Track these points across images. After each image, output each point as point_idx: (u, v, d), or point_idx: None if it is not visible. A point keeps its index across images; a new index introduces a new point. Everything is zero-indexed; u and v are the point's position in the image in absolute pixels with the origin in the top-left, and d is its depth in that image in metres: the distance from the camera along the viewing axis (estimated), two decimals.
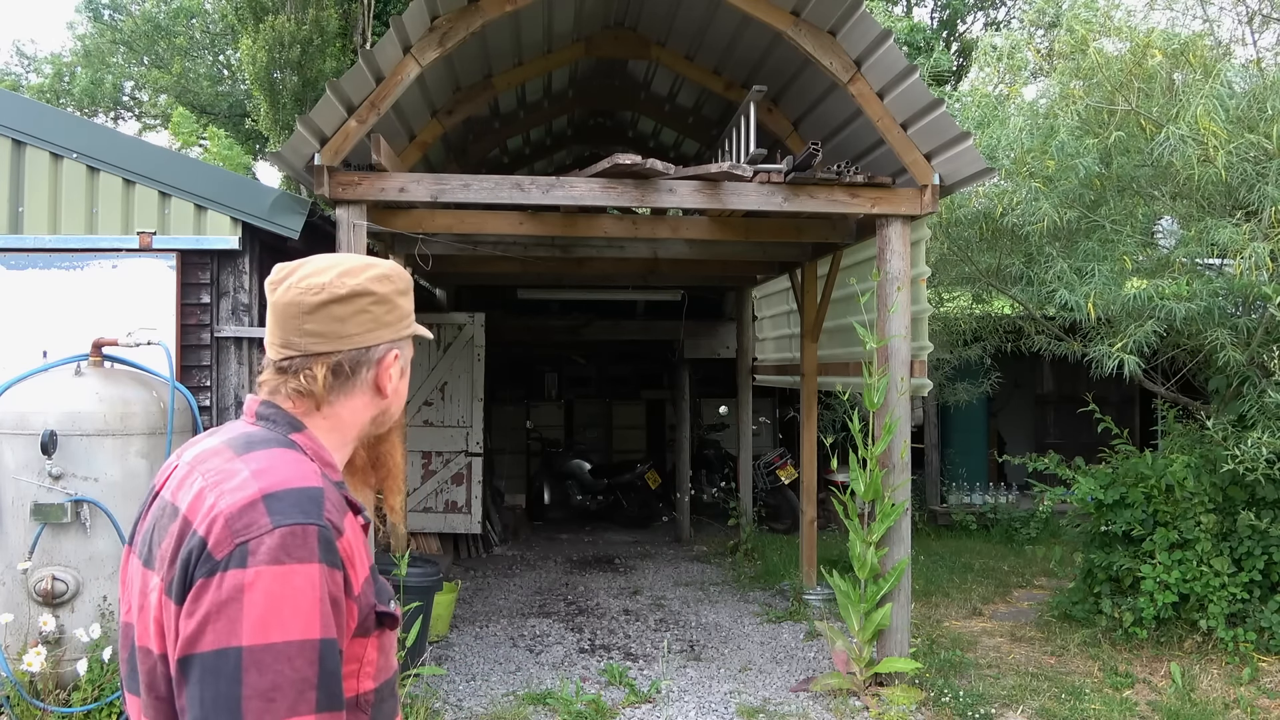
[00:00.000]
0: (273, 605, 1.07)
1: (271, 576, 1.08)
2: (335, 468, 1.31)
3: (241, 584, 1.08)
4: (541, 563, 8.54)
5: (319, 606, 1.10)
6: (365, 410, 1.36)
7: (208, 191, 5.01)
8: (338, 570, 1.14)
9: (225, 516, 1.12)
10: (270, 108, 11.72)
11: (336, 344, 1.29)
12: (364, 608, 1.20)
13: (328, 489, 1.20)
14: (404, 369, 1.39)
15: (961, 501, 10.21)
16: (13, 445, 4.25)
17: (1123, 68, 5.45)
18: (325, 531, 1.13)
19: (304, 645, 1.08)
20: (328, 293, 1.28)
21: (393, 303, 1.34)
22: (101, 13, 22.81)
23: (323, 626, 1.10)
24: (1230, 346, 5.20)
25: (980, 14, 20.06)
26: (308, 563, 1.10)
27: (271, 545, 1.09)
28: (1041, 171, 5.58)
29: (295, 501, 1.14)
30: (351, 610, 1.17)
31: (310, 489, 1.17)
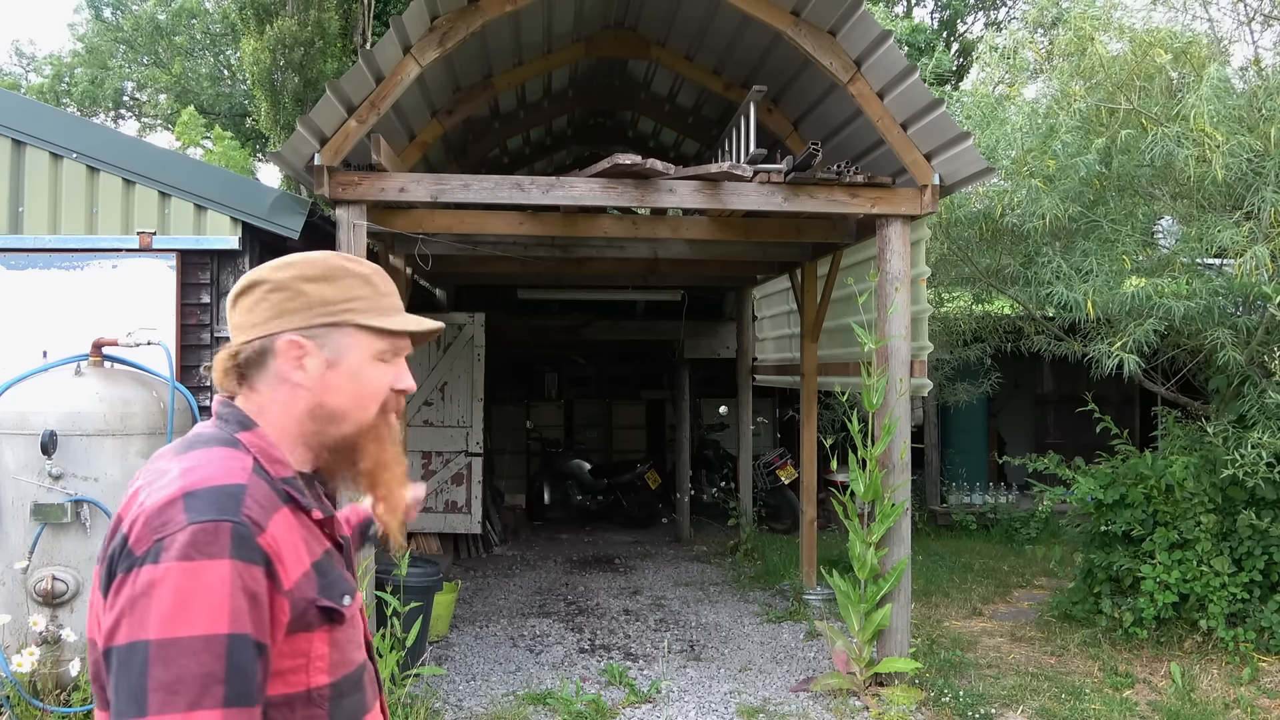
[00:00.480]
0: (180, 600, 1.09)
1: (180, 572, 1.10)
2: (286, 464, 1.30)
3: (153, 579, 1.10)
4: (541, 563, 8.54)
5: (228, 602, 1.10)
6: (292, 403, 1.32)
7: (208, 191, 5.01)
8: (255, 566, 1.14)
9: (146, 514, 1.15)
10: (271, 108, 11.74)
11: (248, 333, 1.32)
12: (298, 602, 1.20)
13: (254, 486, 1.20)
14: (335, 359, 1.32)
15: (961, 501, 10.21)
16: (13, 445, 4.25)
17: (1124, 67, 5.45)
18: (240, 528, 1.14)
19: (210, 640, 1.08)
20: (237, 286, 1.34)
21: (294, 289, 1.31)
22: (102, 10, 22.82)
23: (232, 621, 1.10)
24: (1230, 346, 5.20)
25: (980, 14, 20.06)
26: (218, 559, 1.11)
27: (183, 542, 1.11)
28: (1042, 171, 5.58)
29: (212, 499, 1.15)
30: (280, 605, 1.17)
31: (230, 486, 1.18)
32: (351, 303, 1.33)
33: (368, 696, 1.36)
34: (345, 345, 1.33)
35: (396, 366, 1.39)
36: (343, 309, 1.33)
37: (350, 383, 1.33)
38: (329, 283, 1.33)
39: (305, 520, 1.28)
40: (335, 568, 1.31)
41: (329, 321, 1.32)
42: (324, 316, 1.32)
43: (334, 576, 1.29)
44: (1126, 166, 5.67)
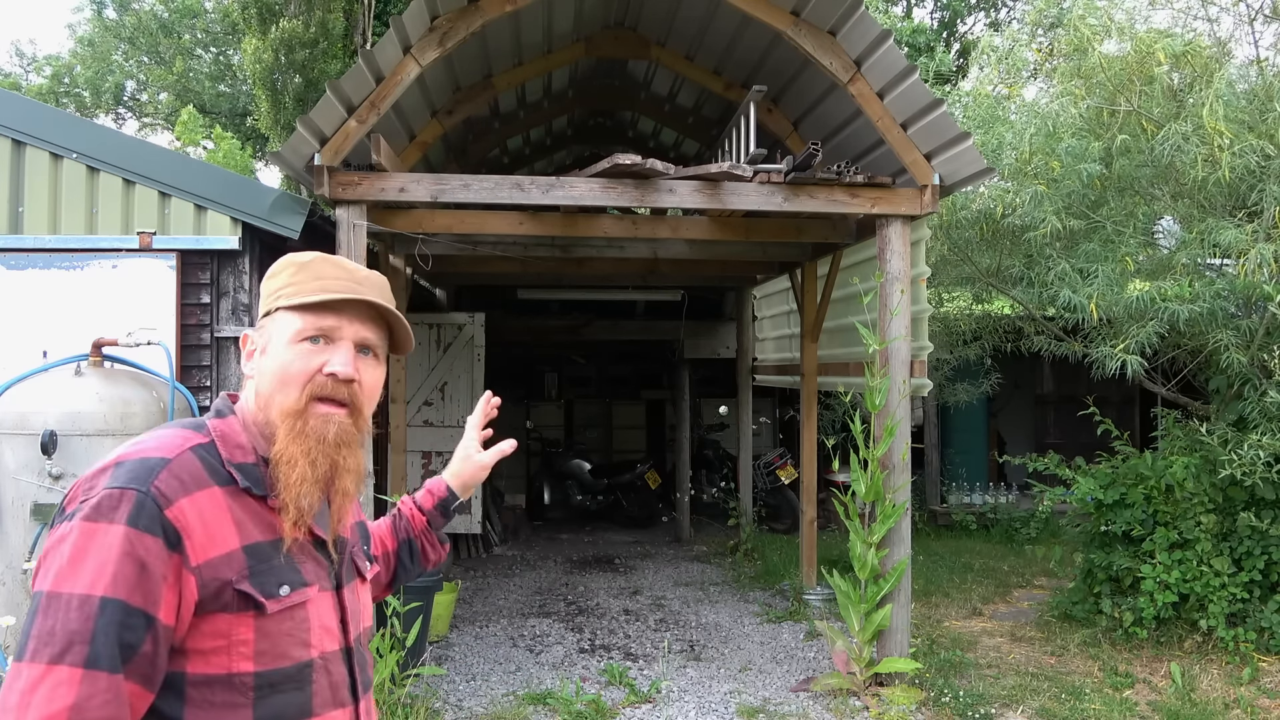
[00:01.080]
0: (74, 557, 1.14)
1: (80, 531, 1.15)
2: (246, 449, 1.31)
3: (62, 535, 1.17)
4: (541, 563, 8.54)
5: (112, 566, 1.13)
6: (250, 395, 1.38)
7: (208, 191, 5.01)
8: (150, 536, 1.16)
9: (85, 478, 1.22)
10: (272, 108, 11.74)
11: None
12: (209, 580, 1.20)
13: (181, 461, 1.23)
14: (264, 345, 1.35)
15: (961, 501, 10.21)
16: (13, 445, 4.25)
17: (1124, 68, 5.44)
18: (143, 497, 1.17)
19: (85, 600, 1.12)
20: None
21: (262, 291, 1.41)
22: (104, 9, 22.81)
23: (110, 585, 1.12)
24: (1233, 348, 5.20)
25: (980, 14, 20.06)
26: (114, 524, 1.15)
27: (92, 504, 1.17)
28: (1046, 173, 5.58)
29: (131, 469, 1.20)
30: (187, 580, 1.18)
31: (153, 459, 1.22)
32: (284, 289, 1.35)
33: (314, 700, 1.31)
34: (274, 331, 1.35)
35: (328, 350, 1.33)
36: (276, 297, 1.36)
37: (270, 364, 1.34)
38: (275, 276, 1.38)
39: (254, 505, 1.28)
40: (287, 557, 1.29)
41: (265, 311, 1.37)
42: (265, 307, 1.37)
43: (274, 565, 1.27)
44: (1127, 168, 5.67)
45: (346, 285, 1.35)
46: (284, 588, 1.27)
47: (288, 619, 1.27)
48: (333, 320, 1.33)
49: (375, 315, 1.38)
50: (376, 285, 1.40)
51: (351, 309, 1.35)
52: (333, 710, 1.33)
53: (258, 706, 1.24)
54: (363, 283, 1.38)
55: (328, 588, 1.36)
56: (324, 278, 1.35)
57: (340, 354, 1.34)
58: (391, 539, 1.76)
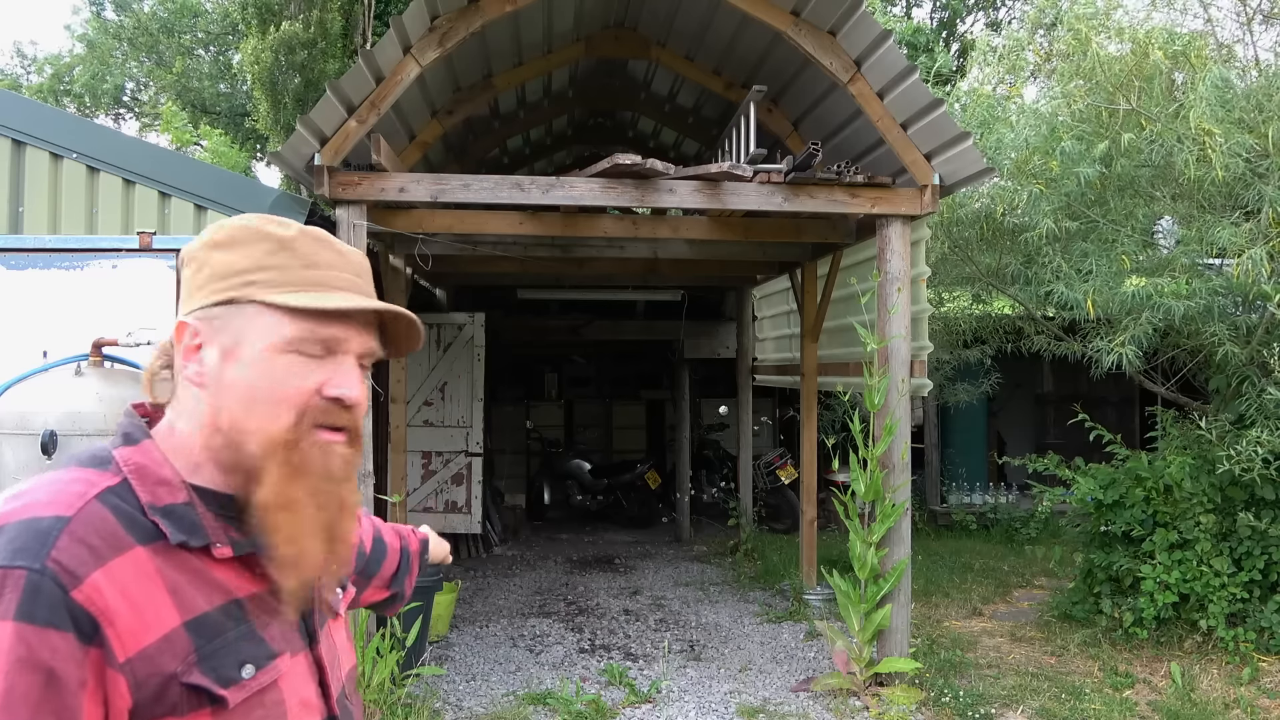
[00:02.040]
0: None
1: None
2: (174, 486, 0.98)
3: None
4: (541, 563, 8.54)
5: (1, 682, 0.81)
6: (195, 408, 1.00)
7: (208, 191, 5.01)
8: (55, 630, 0.84)
9: None
10: (271, 108, 11.74)
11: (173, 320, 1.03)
12: (144, 679, 0.89)
13: (85, 518, 0.90)
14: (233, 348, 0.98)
15: (961, 501, 10.21)
16: (13, 445, 4.25)
17: (1123, 68, 5.45)
18: (36, 578, 0.84)
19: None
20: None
21: (200, 261, 1.01)
22: (103, 9, 22.82)
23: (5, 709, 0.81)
24: (1230, 343, 5.20)
25: (980, 14, 20.07)
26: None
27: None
28: (1045, 173, 5.58)
29: (12, 536, 0.87)
30: (114, 683, 0.87)
31: (42, 520, 0.88)
32: (258, 273, 0.99)
33: None
34: (245, 329, 0.98)
35: (329, 365, 1.01)
36: (246, 281, 0.99)
37: (248, 379, 0.98)
38: (235, 249, 1.00)
39: (192, 563, 0.95)
40: (242, 624, 0.97)
41: (226, 298, 0.99)
42: (222, 292, 0.99)
43: (228, 639, 0.95)
44: (1127, 168, 5.67)
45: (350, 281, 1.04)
46: (247, 667, 0.96)
47: (257, 706, 0.96)
48: (339, 330, 1.01)
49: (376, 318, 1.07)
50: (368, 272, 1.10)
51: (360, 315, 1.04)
52: None
53: None
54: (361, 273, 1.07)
55: (300, 649, 1.04)
56: (319, 265, 1.02)
57: (348, 374, 1.02)
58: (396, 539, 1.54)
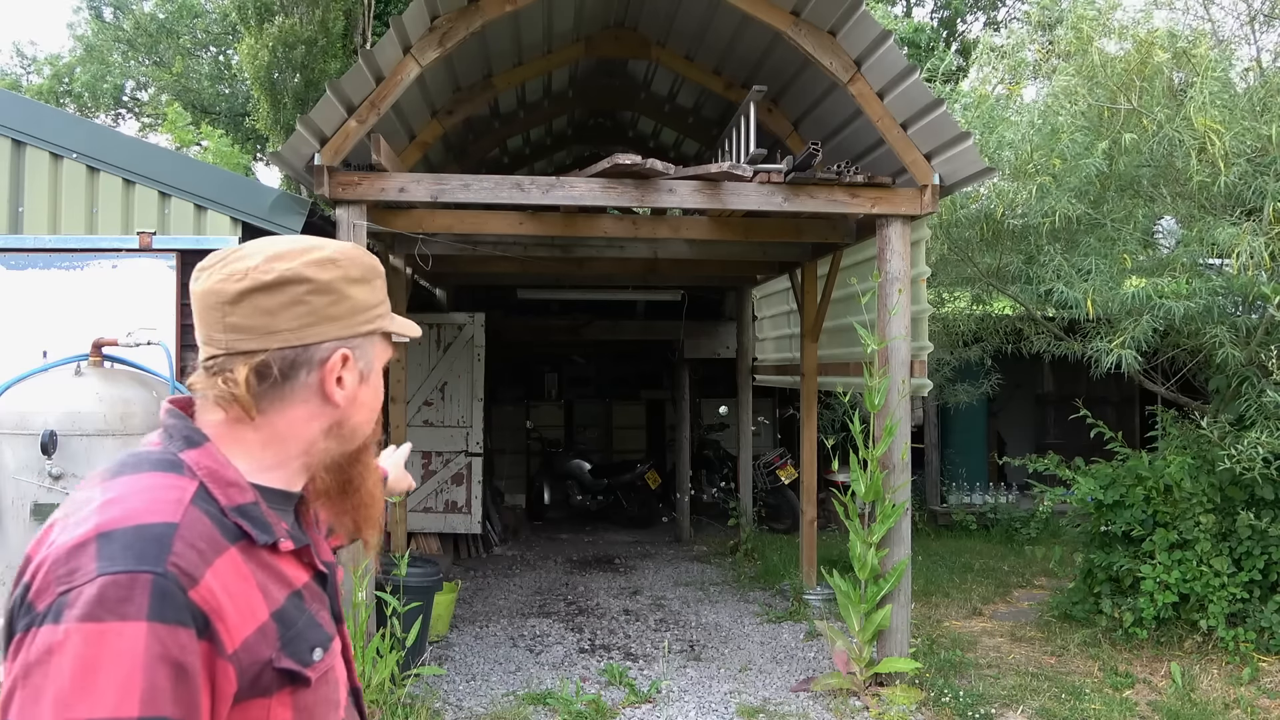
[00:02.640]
0: (81, 673, 0.88)
1: (83, 637, 0.89)
2: (242, 487, 1.08)
3: (51, 644, 0.90)
4: (541, 563, 8.54)
5: (141, 676, 0.89)
6: (310, 422, 1.13)
7: (208, 191, 5.01)
8: (183, 628, 0.93)
9: (52, 559, 0.95)
10: (271, 108, 11.72)
11: (264, 341, 1.08)
12: (247, 666, 0.99)
13: (190, 524, 0.99)
14: (366, 374, 1.16)
15: (961, 501, 10.21)
16: (13, 445, 4.25)
17: (1125, 68, 5.45)
18: (162, 581, 0.92)
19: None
20: (251, 279, 1.08)
21: (339, 293, 1.12)
22: (102, 11, 22.82)
23: (145, 702, 0.89)
24: (1229, 344, 5.20)
25: (980, 14, 20.07)
26: (131, 620, 0.90)
27: (89, 597, 0.90)
28: (1047, 169, 5.58)
29: (129, 543, 0.94)
30: (224, 672, 0.97)
31: (154, 526, 0.96)
32: (380, 307, 1.18)
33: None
34: (374, 356, 1.18)
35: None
36: (377, 314, 1.17)
37: (373, 396, 1.18)
38: (369, 284, 1.16)
39: (265, 557, 1.07)
40: (305, 612, 1.10)
41: (369, 329, 1.16)
42: (366, 324, 1.15)
43: (302, 626, 1.08)
44: (1128, 166, 5.67)
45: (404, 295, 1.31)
46: (316, 650, 1.09)
47: (323, 685, 1.11)
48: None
49: None
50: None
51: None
52: None
53: None
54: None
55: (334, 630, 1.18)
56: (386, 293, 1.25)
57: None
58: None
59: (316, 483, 1.19)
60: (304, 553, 1.14)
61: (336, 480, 1.20)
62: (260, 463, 1.11)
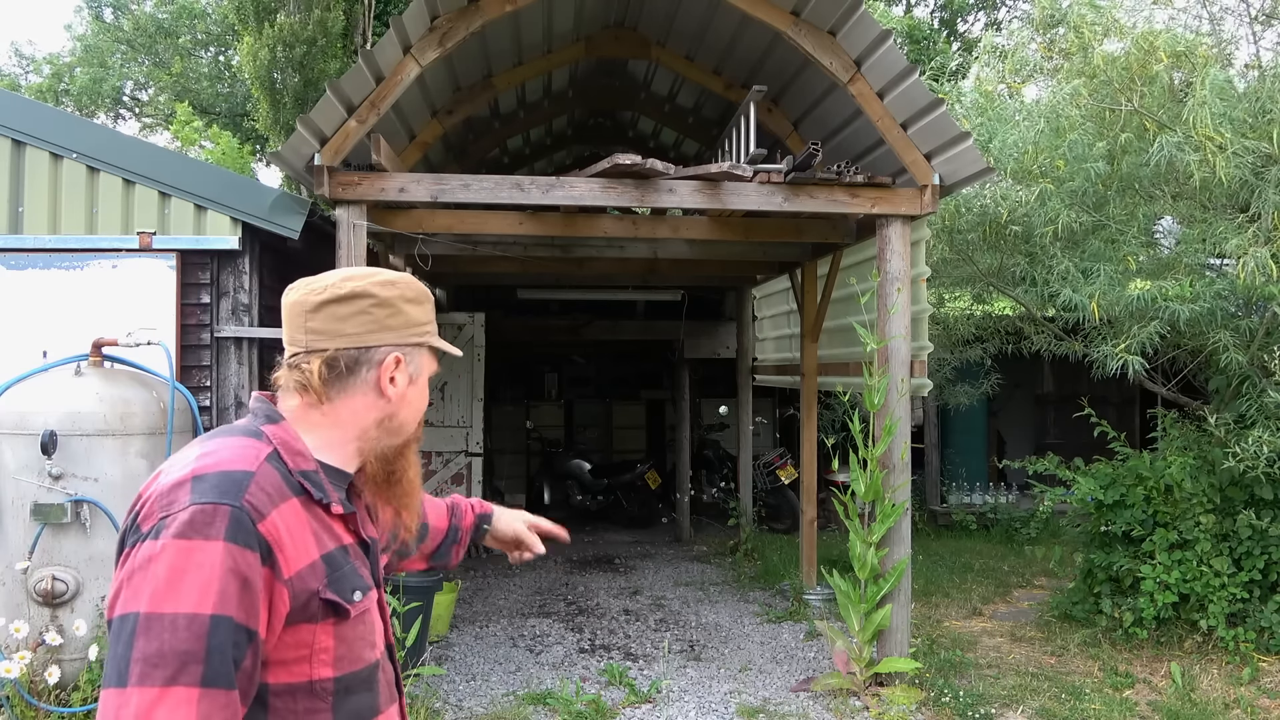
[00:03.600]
0: (172, 576, 1.12)
1: (175, 550, 1.14)
2: (308, 457, 1.34)
3: (151, 554, 1.14)
4: (541, 563, 8.53)
5: (217, 583, 1.13)
6: (368, 412, 1.39)
7: (208, 191, 5.01)
8: (250, 551, 1.17)
9: (158, 493, 1.20)
10: (271, 108, 11.71)
11: (335, 341, 1.36)
12: (300, 592, 1.23)
13: (264, 474, 1.24)
14: (414, 377, 1.43)
15: (961, 501, 10.21)
16: (13, 445, 4.25)
17: (1126, 68, 5.44)
18: (238, 512, 1.17)
19: (193, 619, 1.11)
20: (329, 292, 1.36)
21: (396, 308, 1.40)
22: (102, 12, 22.81)
23: (218, 603, 1.13)
24: (1233, 348, 5.20)
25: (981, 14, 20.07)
26: (213, 540, 1.15)
27: (182, 520, 1.15)
28: (1051, 172, 5.57)
29: (216, 483, 1.20)
30: (280, 593, 1.21)
31: (237, 472, 1.22)
32: (429, 325, 1.46)
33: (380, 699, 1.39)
34: (422, 364, 1.45)
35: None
36: (426, 330, 1.45)
37: (419, 398, 1.45)
38: (420, 305, 1.45)
39: (320, 513, 1.32)
40: (349, 563, 1.34)
41: (418, 341, 1.43)
42: (416, 336, 1.43)
43: (345, 571, 1.32)
44: (1130, 168, 5.66)
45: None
46: (356, 593, 1.32)
47: (361, 623, 1.34)
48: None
49: None
50: None
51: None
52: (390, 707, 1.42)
53: (337, 711, 1.29)
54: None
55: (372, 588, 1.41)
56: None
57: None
58: (445, 519, 1.88)
59: (367, 469, 1.43)
60: (350, 519, 1.37)
61: (383, 469, 1.44)
62: (324, 441, 1.37)
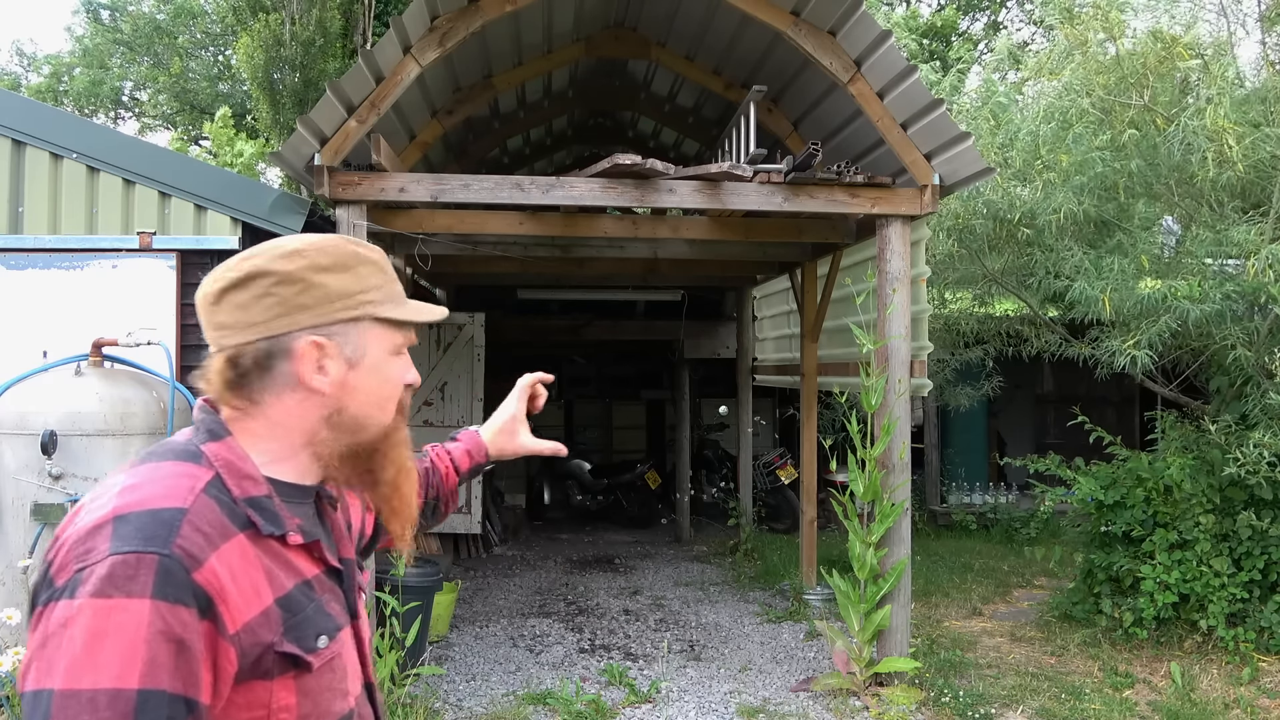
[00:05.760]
0: (89, 645, 0.94)
1: (92, 611, 0.95)
2: (256, 480, 1.12)
3: (66, 617, 0.96)
4: (541, 563, 8.53)
5: (143, 650, 0.94)
6: (305, 412, 1.16)
7: (208, 191, 5.01)
8: (184, 607, 0.97)
9: (73, 539, 1.01)
10: (270, 108, 11.72)
11: (244, 334, 1.13)
12: (250, 648, 1.04)
13: (199, 510, 1.04)
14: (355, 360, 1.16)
15: (961, 501, 10.20)
16: (13, 445, 4.25)
17: (1135, 65, 5.43)
18: (167, 562, 0.97)
19: (116, 696, 0.93)
20: (226, 278, 1.14)
21: (306, 282, 1.14)
22: (100, 14, 22.82)
23: (145, 674, 0.94)
24: (1241, 346, 5.19)
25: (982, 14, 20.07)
26: (136, 597, 0.95)
27: (100, 575, 0.96)
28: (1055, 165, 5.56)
29: (140, 526, 1.00)
30: (225, 652, 1.01)
31: (165, 511, 1.02)
32: (369, 293, 1.18)
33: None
34: (365, 342, 1.18)
35: (405, 359, 1.24)
36: (362, 301, 1.17)
37: (373, 383, 1.19)
38: (345, 272, 1.17)
39: (275, 547, 1.11)
40: (314, 600, 1.14)
41: (351, 316, 1.16)
42: (345, 311, 1.16)
43: (308, 613, 1.12)
44: (1140, 167, 5.65)
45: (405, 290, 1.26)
46: (321, 638, 1.13)
47: (329, 671, 1.14)
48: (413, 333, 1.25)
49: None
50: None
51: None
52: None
53: None
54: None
55: (346, 622, 1.21)
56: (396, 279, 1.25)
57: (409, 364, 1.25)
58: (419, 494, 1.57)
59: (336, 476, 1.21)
60: (314, 548, 1.16)
61: (356, 473, 1.21)
62: (270, 454, 1.15)
